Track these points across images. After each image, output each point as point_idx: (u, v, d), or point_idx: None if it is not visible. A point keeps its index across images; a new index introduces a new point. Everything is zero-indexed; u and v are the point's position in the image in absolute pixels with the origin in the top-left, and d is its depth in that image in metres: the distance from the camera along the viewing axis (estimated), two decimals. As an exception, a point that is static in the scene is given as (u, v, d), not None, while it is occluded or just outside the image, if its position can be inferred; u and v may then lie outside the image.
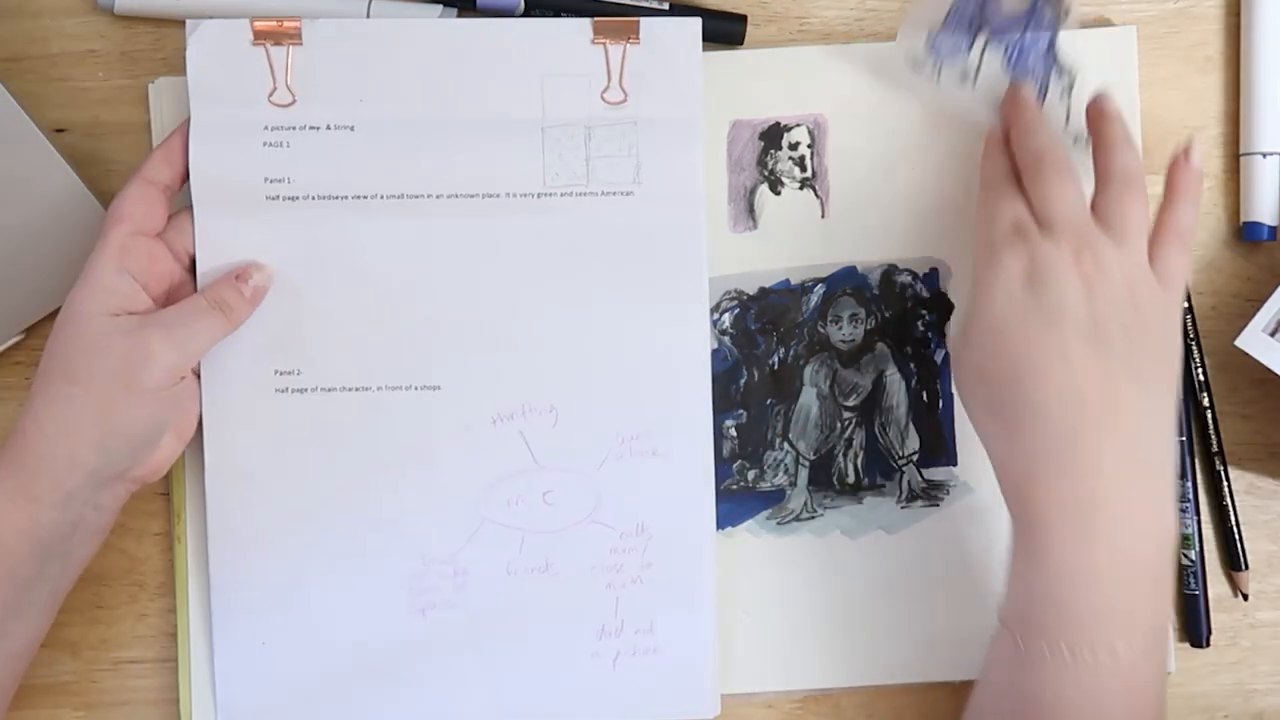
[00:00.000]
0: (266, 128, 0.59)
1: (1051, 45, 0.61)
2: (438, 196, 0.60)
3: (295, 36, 0.59)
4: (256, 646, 0.60)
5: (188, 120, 0.59)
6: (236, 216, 0.59)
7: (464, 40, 0.60)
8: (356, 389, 0.60)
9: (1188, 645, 0.63)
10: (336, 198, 0.60)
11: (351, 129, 0.60)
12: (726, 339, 0.62)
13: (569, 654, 0.61)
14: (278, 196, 0.59)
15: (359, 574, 0.61)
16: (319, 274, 0.60)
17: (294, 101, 0.59)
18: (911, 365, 0.63)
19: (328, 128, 0.59)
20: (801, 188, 0.63)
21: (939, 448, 0.63)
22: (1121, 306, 0.53)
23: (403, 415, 0.60)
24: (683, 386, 0.61)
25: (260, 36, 0.59)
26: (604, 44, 0.60)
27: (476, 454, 0.61)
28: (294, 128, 0.59)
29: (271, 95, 0.59)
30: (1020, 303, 0.53)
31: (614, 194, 0.60)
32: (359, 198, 0.60)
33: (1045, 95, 0.61)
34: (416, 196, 0.60)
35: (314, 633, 0.60)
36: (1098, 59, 0.61)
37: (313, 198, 0.60)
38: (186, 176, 0.59)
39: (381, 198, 0.60)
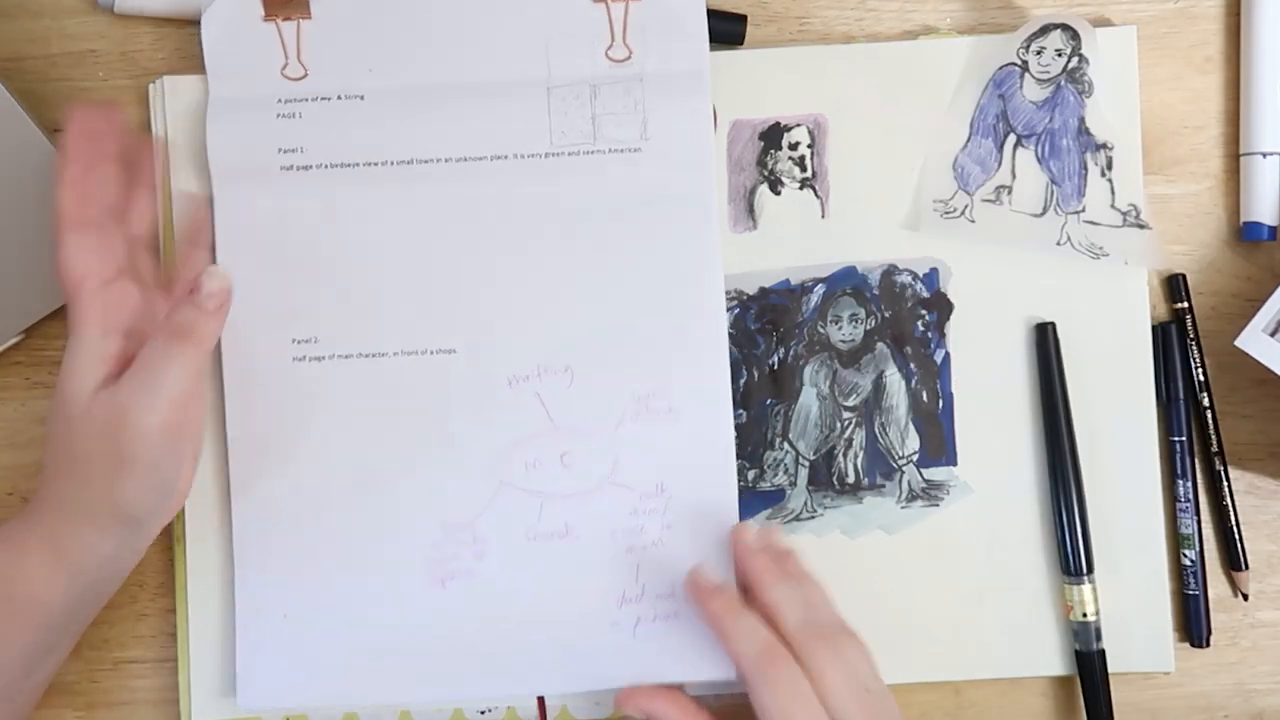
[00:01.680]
0: (280, 100, 0.61)
1: (1082, 124, 0.61)
2: (447, 160, 0.61)
3: (304, 8, 0.61)
4: (278, 619, 0.60)
5: (66, 140, 0.56)
6: (252, 188, 0.61)
7: (468, 4, 0.61)
8: (373, 355, 0.61)
9: (1188, 645, 0.63)
10: (349, 165, 0.61)
11: (361, 98, 0.61)
12: (727, 339, 0.62)
13: (590, 624, 0.60)
14: (292, 166, 0.61)
15: (379, 543, 0.60)
16: (333, 242, 0.61)
17: (305, 75, 0.61)
18: (911, 365, 0.63)
19: (338, 98, 0.61)
20: (801, 188, 0.63)
21: (939, 448, 0.63)
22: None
23: (419, 380, 0.61)
24: (697, 343, 0.61)
25: (271, 10, 0.60)
26: (606, 1, 0.61)
27: (493, 417, 0.61)
28: (306, 99, 0.61)
29: (284, 69, 0.61)
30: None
31: (622, 151, 0.61)
32: (370, 164, 0.61)
33: (1085, 178, 0.61)
34: (426, 161, 0.61)
35: (335, 605, 0.60)
36: (1098, 59, 0.62)
37: (326, 166, 0.61)
38: (103, 194, 0.57)
39: (392, 164, 0.61)
